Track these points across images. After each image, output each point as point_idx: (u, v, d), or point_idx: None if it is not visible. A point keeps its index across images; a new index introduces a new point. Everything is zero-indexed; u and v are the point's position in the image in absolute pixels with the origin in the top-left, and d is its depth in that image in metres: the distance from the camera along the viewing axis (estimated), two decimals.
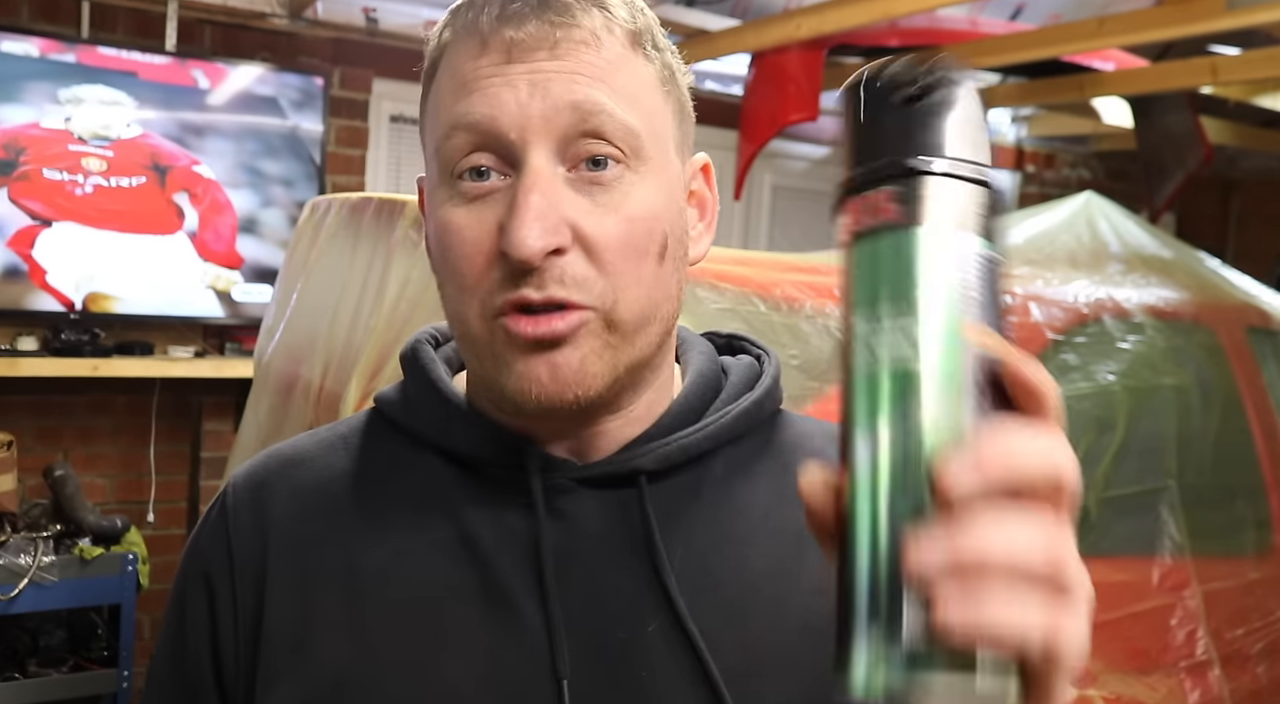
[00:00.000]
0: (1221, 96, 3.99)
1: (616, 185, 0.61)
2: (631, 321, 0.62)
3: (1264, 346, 2.40)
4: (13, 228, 2.90)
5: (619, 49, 0.62)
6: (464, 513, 0.66)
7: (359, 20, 3.43)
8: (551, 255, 0.59)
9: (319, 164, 3.30)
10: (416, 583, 0.65)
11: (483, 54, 0.61)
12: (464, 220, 0.61)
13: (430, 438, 0.69)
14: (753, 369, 0.75)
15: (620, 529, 0.66)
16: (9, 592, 2.64)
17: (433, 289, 1.70)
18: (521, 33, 0.60)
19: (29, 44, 2.93)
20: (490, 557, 0.65)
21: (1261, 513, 2.20)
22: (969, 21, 3.50)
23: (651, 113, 0.63)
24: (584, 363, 0.61)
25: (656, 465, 0.67)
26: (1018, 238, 2.45)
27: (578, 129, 0.60)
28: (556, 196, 0.59)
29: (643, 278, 0.62)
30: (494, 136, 0.60)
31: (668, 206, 0.64)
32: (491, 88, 0.60)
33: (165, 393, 3.27)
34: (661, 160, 0.64)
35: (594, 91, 0.60)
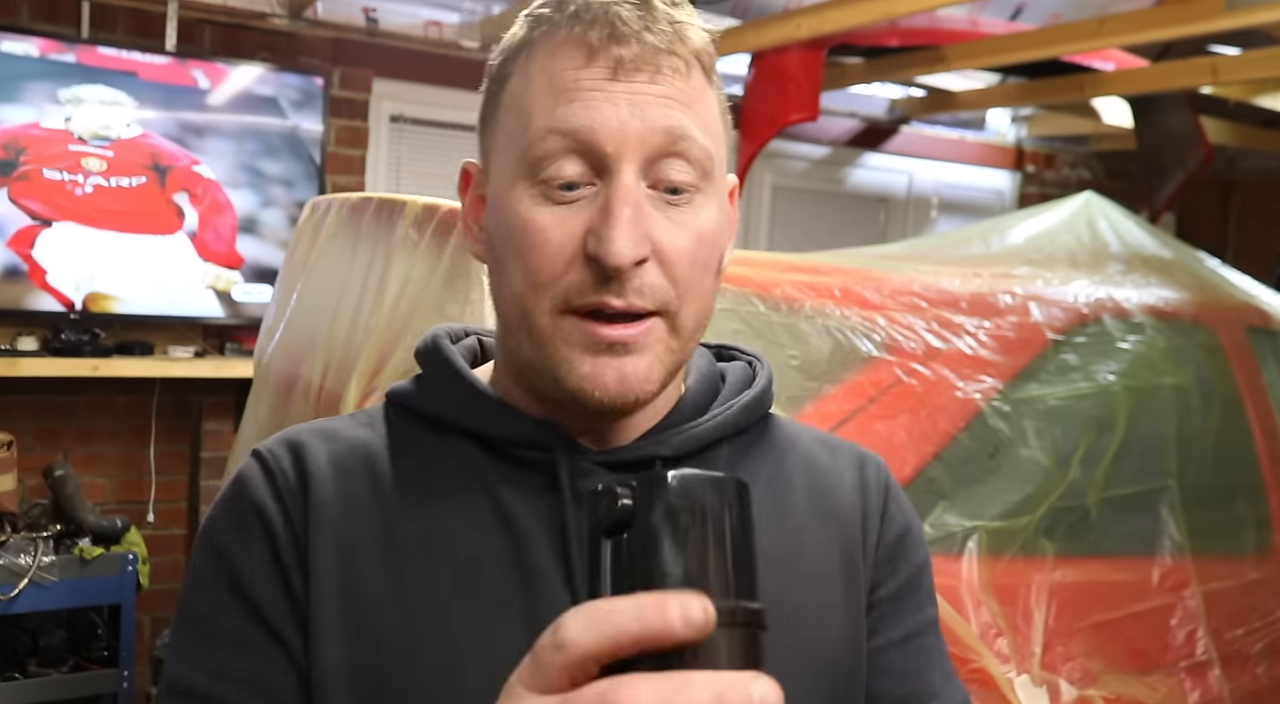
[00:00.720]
0: (1221, 96, 3.99)
1: (689, 205, 0.67)
2: (690, 328, 0.69)
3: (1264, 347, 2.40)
4: (13, 228, 2.90)
5: (699, 79, 0.68)
6: (496, 490, 0.70)
7: (359, 20, 3.43)
8: (635, 266, 0.64)
9: (319, 164, 3.30)
10: (455, 552, 0.68)
11: (587, 66, 0.65)
12: (549, 220, 0.65)
13: (456, 422, 0.72)
14: (747, 371, 0.82)
15: None
16: (9, 592, 2.64)
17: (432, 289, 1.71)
18: (628, 53, 0.65)
19: (29, 44, 2.93)
20: (523, 533, 0.68)
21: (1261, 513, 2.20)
22: (969, 21, 3.50)
23: (719, 140, 0.70)
24: (649, 370, 0.67)
25: (673, 452, 0.72)
26: (1018, 238, 2.45)
27: (666, 150, 0.65)
28: (642, 211, 0.65)
29: (704, 290, 0.69)
30: (590, 147, 0.64)
31: (722, 225, 0.71)
32: (594, 101, 0.64)
33: (165, 393, 3.27)
34: (721, 183, 0.71)
35: (684, 117, 0.66)
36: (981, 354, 1.84)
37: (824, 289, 1.78)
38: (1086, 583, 1.80)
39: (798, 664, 0.71)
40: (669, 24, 0.66)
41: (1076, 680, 1.65)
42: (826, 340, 1.70)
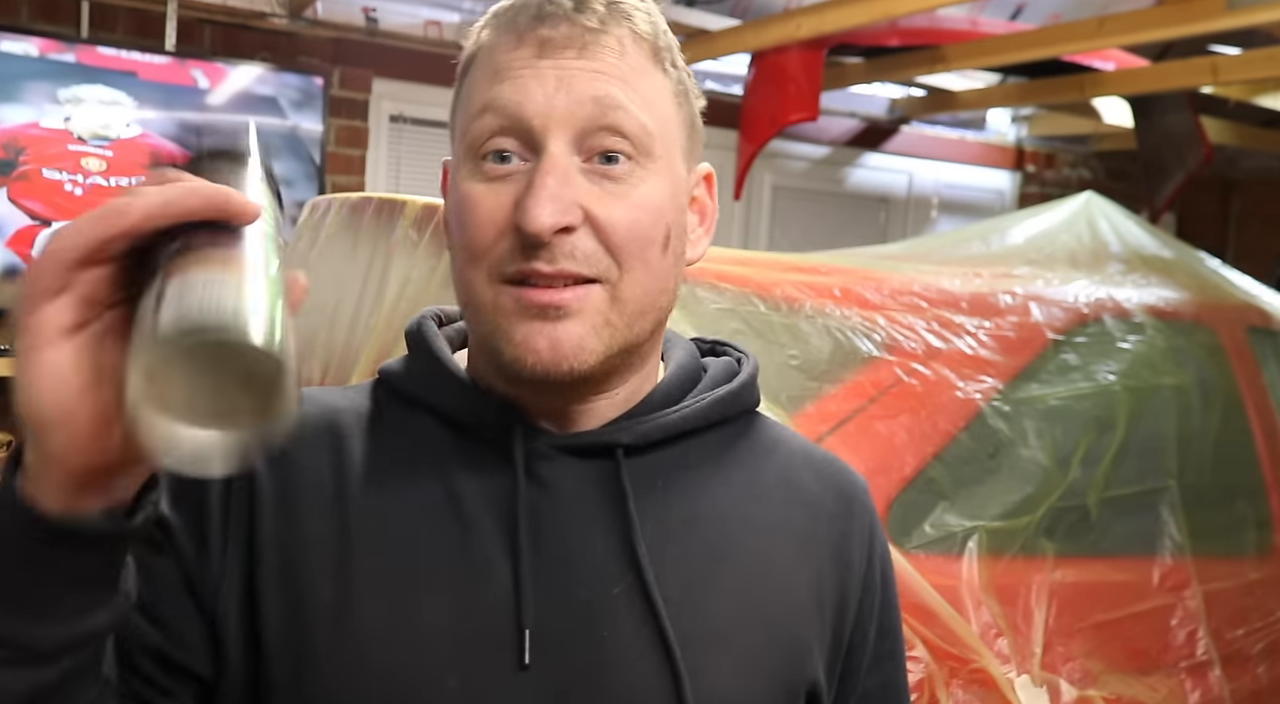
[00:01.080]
0: (1221, 96, 3.99)
1: (626, 178, 0.67)
2: (633, 301, 0.68)
3: (1264, 346, 2.40)
4: (12, 228, 2.90)
5: (641, 59, 0.68)
6: (451, 472, 0.71)
7: (359, 20, 3.43)
8: (562, 233, 0.65)
9: (319, 164, 3.29)
10: (401, 531, 0.69)
11: (517, 48, 0.67)
12: (482, 194, 0.67)
13: (426, 401, 0.73)
14: (731, 367, 0.81)
15: (596, 497, 0.71)
16: None
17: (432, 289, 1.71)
18: (554, 32, 0.66)
19: (29, 44, 2.93)
20: (471, 515, 0.69)
21: (1262, 513, 2.20)
22: (969, 21, 3.50)
23: (664, 119, 0.69)
24: (583, 339, 0.66)
25: (634, 440, 0.72)
26: (1018, 238, 2.44)
27: (596, 122, 0.66)
28: (571, 181, 0.65)
29: (648, 262, 0.68)
30: (519, 122, 0.66)
31: (671, 203, 0.70)
32: (521, 78, 0.66)
33: None
34: (668, 162, 0.70)
35: (614, 89, 0.66)
36: (981, 354, 1.84)
37: (824, 289, 1.78)
38: (1087, 583, 1.80)
39: (753, 672, 0.71)
40: (603, 5, 0.67)
41: (1077, 681, 1.65)
42: (826, 340, 1.69)
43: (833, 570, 0.77)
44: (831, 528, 0.78)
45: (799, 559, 0.76)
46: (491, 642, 0.66)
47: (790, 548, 0.76)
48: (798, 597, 0.75)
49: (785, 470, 0.79)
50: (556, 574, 0.68)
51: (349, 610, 0.67)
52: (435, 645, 0.66)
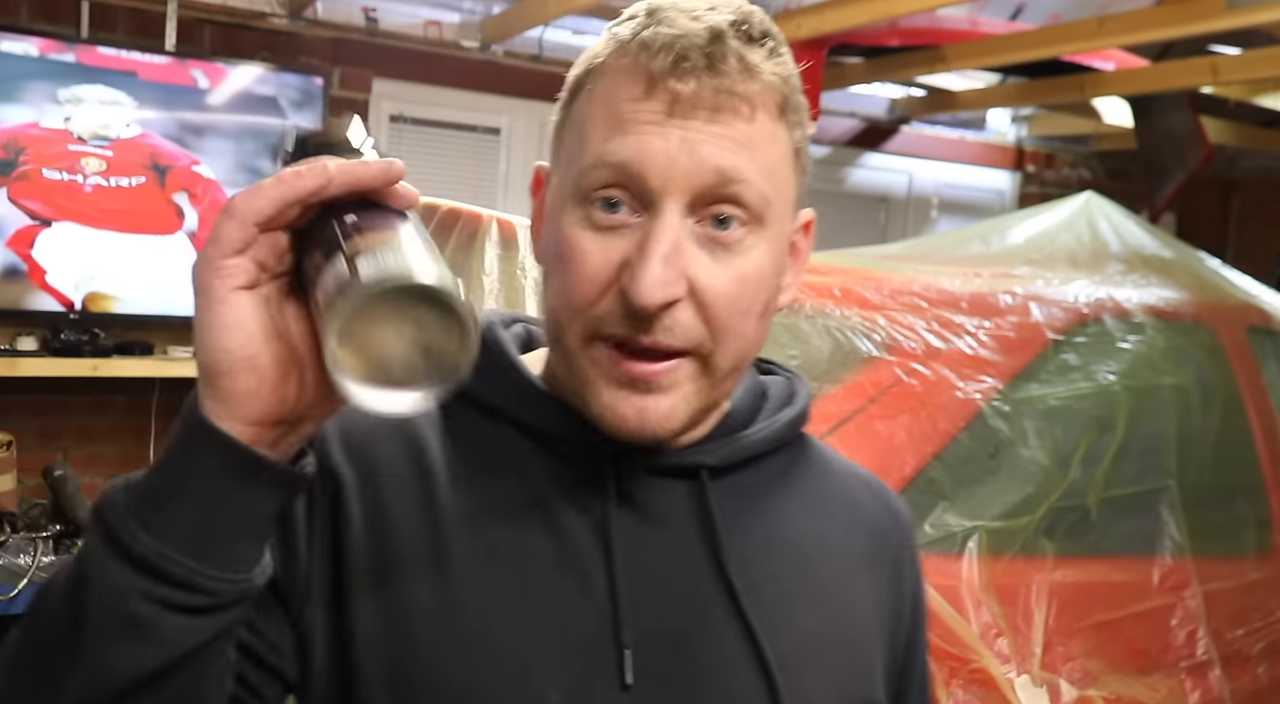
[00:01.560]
0: (1221, 96, 3.99)
1: (736, 245, 0.66)
2: (724, 369, 0.68)
3: (1264, 346, 2.40)
4: (12, 228, 2.90)
5: (767, 121, 0.66)
6: (541, 484, 0.71)
7: (359, 20, 3.43)
8: (667, 307, 0.64)
9: None
10: (498, 537, 0.69)
11: (645, 98, 0.64)
12: (590, 246, 0.65)
13: (506, 412, 0.73)
14: (787, 387, 0.82)
15: (684, 518, 0.72)
16: (9, 592, 2.64)
17: None
18: (685, 88, 0.63)
19: (29, 44, 2.93)
20: (566, 530, 0.69)
21: (1262, 513, 2.20)
22: (969, 21, 3.50)
23: (783, 182, 0.68)
24: (672, 409, 0.66)
25: (718, 462, 0.73)
26: (1018, 238, 2.44)
27: (716, 192, 0.64)
28: (681, 250, 0.64)
29: (743, 333, 0.67)
30: (636, 179, 0.64)
31: (775, 269, 0.69)
32: (646, 134, 0.64)
33: (165, 393, 3.27)
34: (778, 226, 0.68)
35: (739, 160, 0.64)
36: (981, 354, 1.84)
37: (824, 289, 1.78)
38: (1087, 583, 1.80)
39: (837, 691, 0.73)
40: (737, 61, 0.64)
41: (1077, 681, 1.65)
42: (826, 340, 1.69)
43: (889, 590, 0.79)
44: (887, 548, 0.80)
45: (862, 578, 0.78)
46: (592, 659, 0.67)
47: (855, 567, 0.78)
48: (864, 616, 0.77)
49: (844, 490, 0.81)
50: (649, 594, 0.69)
51: (449, 618, 0.67)
52: (537, 660, 0.67)
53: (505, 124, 3.84)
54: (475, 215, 1.65)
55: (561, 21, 3.58)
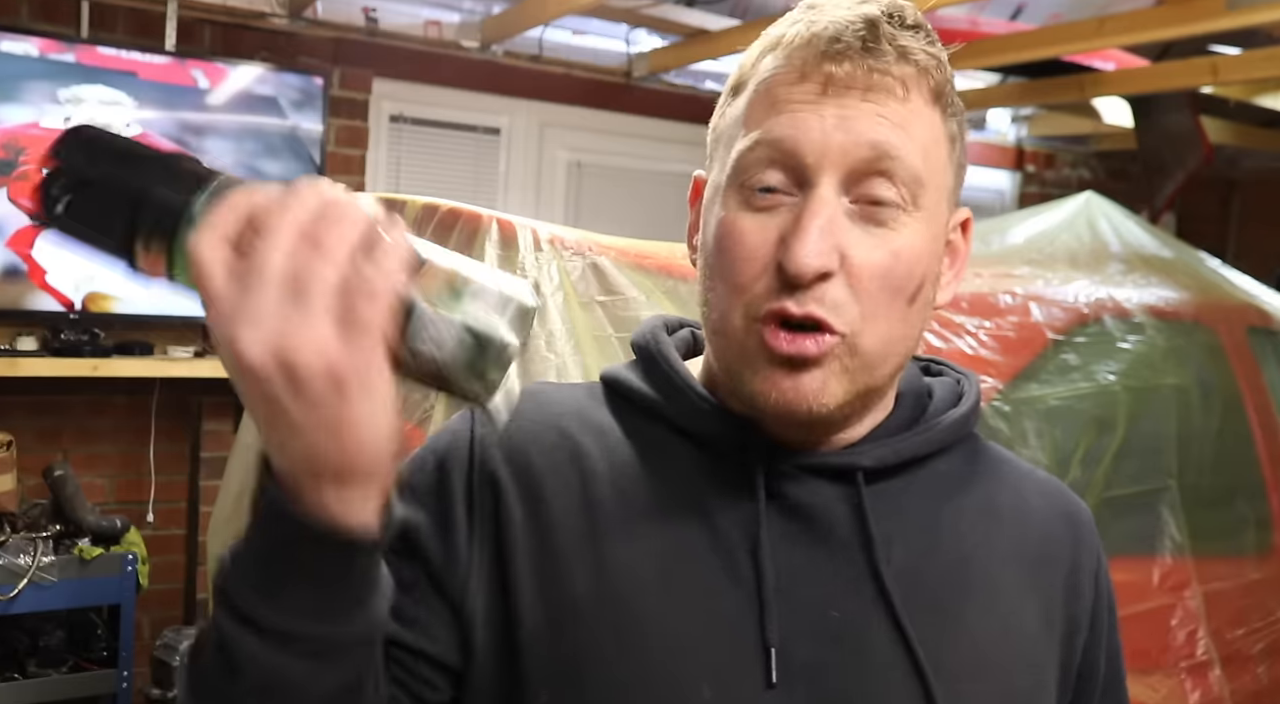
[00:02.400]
0: (1221, 96, 3.99)
1: (890, 223, 0.66)
2: (873, 352, 0.67)
3: (1264, 347, 2.40)
4: (12, 228, 2.90)
5: (922, 103, 0.67)
6: (695, 481, 0.72)
7: (359, 20, 3.43)
8: (819, 280, 0.65)
9: (319, 164, 3.29)
10: (654, 538, 0.70)
11: (800, 82, 0.67)
12: (748, 226, 0.67)
13: (664, 413, 0.74)
14: (954, 388, 0.80)
15: (837, 519, 0.71)
16: (9, 592, 2.64)
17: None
18: (840, 70, 0.66)
19: (29, 44, 2.93)
20: (718, 528, 0.70)
21: (1261, 513, 2.20)
22: (969, 21, 3.50)
23: (937, 165, 0.69)
24: (825, 383, 0.67)
25: (874, 464, 0.72)
26: (1018, 238, 2.44)
27: (870, 167, 0.65)
28: (836, 224, 0.65)
29: (892, 314, 0.67)
30: (793, 156, 0.66)
31: (930, 252, 0.69)
32: (801, 112, 0.66)
33: (165, 393, 3.27)
34: (933, 211, 0.69)
35: (893, 135, 0.66)
36: (981, 354, 1.84)
37: None
38: None
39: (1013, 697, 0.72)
40: (890, 44, 0.66)
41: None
42: None
43: (1063, 598, 0.77)
44: (1061, 554, 0.78)
45: (1031, 586, 0.76)
46: (738, 655, 0.67)
47: (1023, 574, 0.76)
48: (1032, 626, 0.74)
49: (1015, 495, 0.78)
50: (800, 594, 0.69)
51: (605, 609, 0.68)
52: (689, 652, 0.68)
53: (505, 124, 3.84)
54: (475, 215, 1.65)
55: (561, 21, 3.58)
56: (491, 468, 0.72)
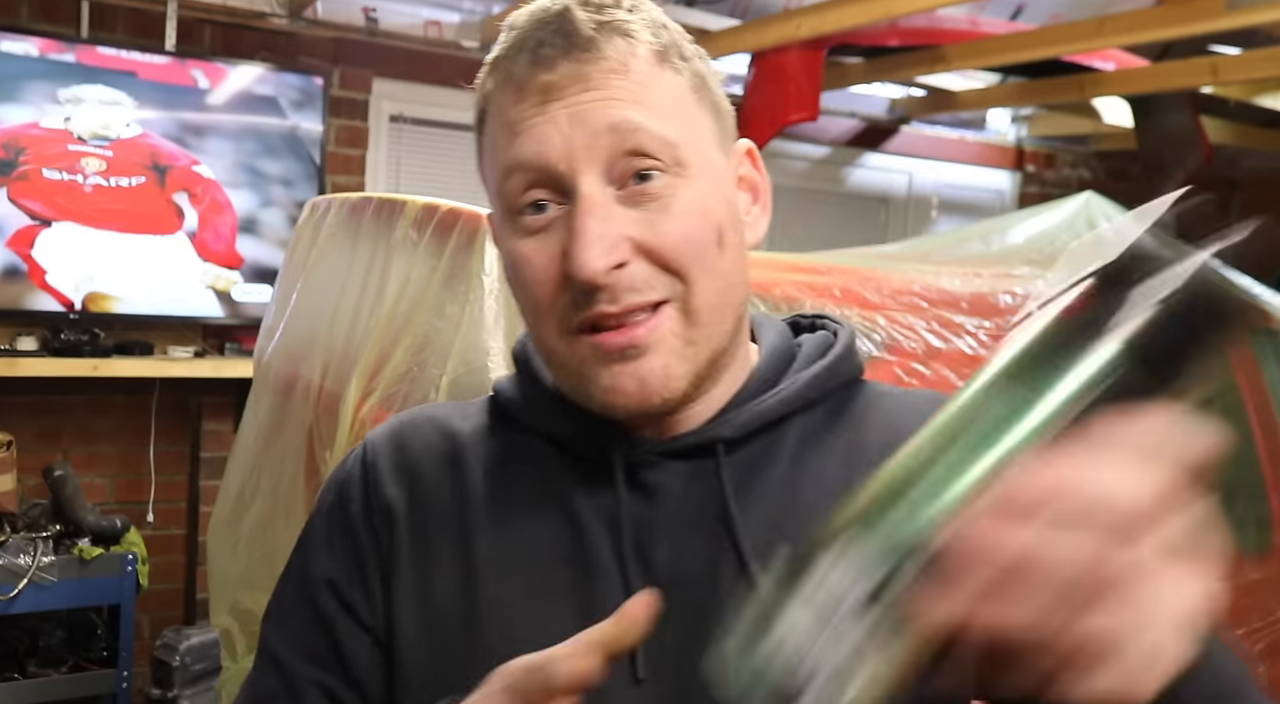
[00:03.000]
0: (1221, 96, 3.99)
1: (664, 192, 0.66)
2: (706, 308, 0.67)
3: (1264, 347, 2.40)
4: (12, 228, 2.90)
5: (646, 69, 0.67)
6: (562, 488, 0.73)
7: (359, 20, 3.43)
8: (615, 270, 0.64)
9: (319, 164, 3.29)
10: (520, 538, 0.71)
11: (522, 99, 0.67)
12: (530, 250, 0.67)
13: (531, 421, 0.76)
14: (826, 340, 0.78)
15: (699, 497, 0.70)
16: (9, 592, 2.64)
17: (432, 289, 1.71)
18: (554, 75, 0.66)
19: (29, 44, 2.93)
20: (583, 526, 0.71)
21: (1261, 513, 2.19)
22: (969, 21, 3.50)
23: (687, 120, 0.68)
24: (667, 368, 0.66)
25: (734, 433, 0.71)
26: (1018, 238, 2.44)
27: (619, 149, 0.65)
28: (611, 216, 0.65)
29: (709, 266, 0.67)
30: (545, 171, 0.66)
31: (717, 199, 0.69)
32: (535, 127, 0.66)
33: (165, 393, 3.27)
34: (703, 162, 0.68)
35: (629, 112, 0.65)
36: (981, 354, 1.84)
37: (824, 289, 1.77)
38: None
39: None
40: (593, 31, 0.66)
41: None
42: None
43: None
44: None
45: None
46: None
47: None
48: None
49: (885, 426, 0.75)
50: (666, 582, 0.67)
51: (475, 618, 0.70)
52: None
53: None
54: (475, 215, 1.65)
55: None
56: (383, 494, 0.76)
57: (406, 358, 1.59)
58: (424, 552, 0.73)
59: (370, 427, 1.62)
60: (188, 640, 2.99)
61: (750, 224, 0.74)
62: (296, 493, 1.93)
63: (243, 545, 2.11)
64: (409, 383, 1.57)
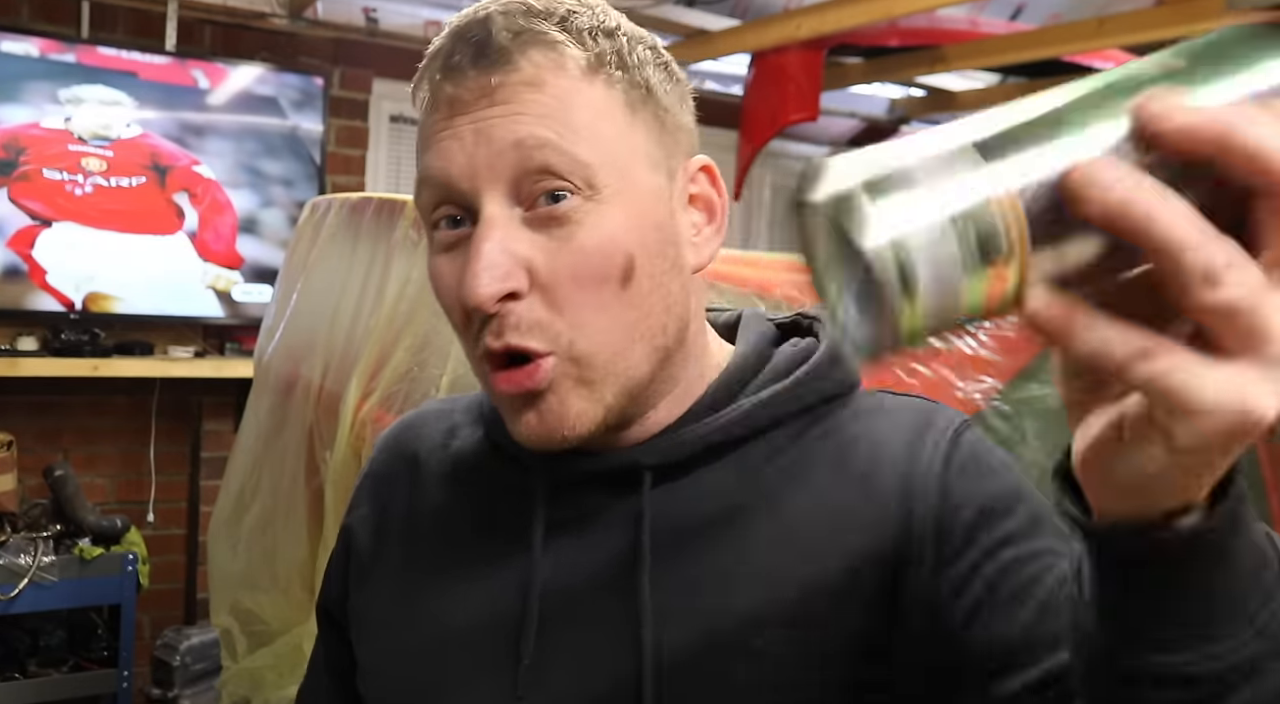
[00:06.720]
0: None
1: (572, 217, 0.61)
2: (597, 355, 0.62)
3: None
4: (13, 228, 2.90)
5: (567, 83, 0.61)
6: (497, 498, 0.71)
7: (359, 20, 3.43)
8: (508, 301, 0.60)
9: (319, 164, 3.30)
10: (450, 555, 0.72)
11: (434, 111, 0.63)
12: (442, 268, 0.64)
13: (488, 425, 0.74)
14: (808, 350, 0.70)
15: (614, 529, 0.66)
16: (9, 592, 2.64)
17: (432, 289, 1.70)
18: (461, 88, 0.61)
19: (29, 44, 2.93)
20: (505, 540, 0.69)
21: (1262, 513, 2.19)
22: (969, 21, 3.50)
23: (611, 138, 0.62)
24: (565, 406, 0.62)
25: (661, 460, 0.65)
26: None
27: (524, 167, 0.60)
28: (511, 240, 0.60)
29: (603, 306, 0.61)
30: (449, 188, 0.62)
31: (632, 228, 0.62)
32: (441, 142, 0.62)
33: (165, 393, 3.27)
34: (622, 185, 0.62)
35: (537, 129, 0.60)
36: (981, 354, 1.84)
37: None
38: None
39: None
40: (507, 41, 0.61)
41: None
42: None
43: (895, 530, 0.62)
44: (894, 473, 0.64)
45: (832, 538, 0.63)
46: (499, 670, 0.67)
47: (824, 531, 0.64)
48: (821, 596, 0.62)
49: (871, 455, 0.65)
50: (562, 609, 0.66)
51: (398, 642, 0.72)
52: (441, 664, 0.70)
53: None
54: None
55: None
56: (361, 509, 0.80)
57: (406, 358, 1.60)
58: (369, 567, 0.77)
59: (370, 427, 1.62)
60: (188, 640, 2.99)
61: (698, 244, 0.67)
62: (296, 493, 1.94)
63: (243, 545, 2.11)
64: (409, 383, 1.57)
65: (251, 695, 2.00)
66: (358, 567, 0.78)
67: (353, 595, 0.78)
